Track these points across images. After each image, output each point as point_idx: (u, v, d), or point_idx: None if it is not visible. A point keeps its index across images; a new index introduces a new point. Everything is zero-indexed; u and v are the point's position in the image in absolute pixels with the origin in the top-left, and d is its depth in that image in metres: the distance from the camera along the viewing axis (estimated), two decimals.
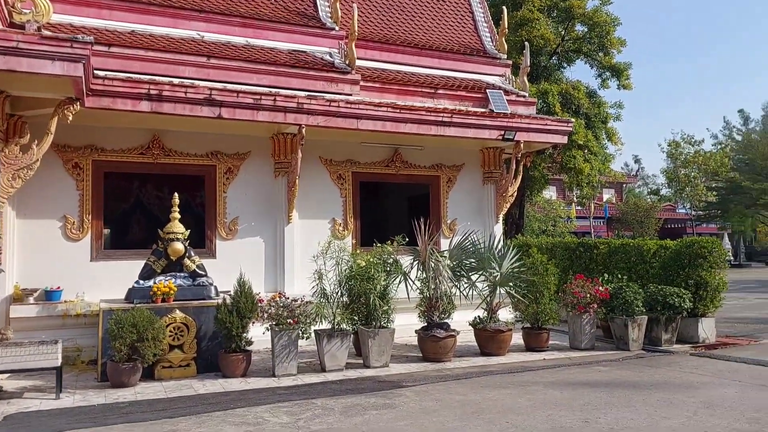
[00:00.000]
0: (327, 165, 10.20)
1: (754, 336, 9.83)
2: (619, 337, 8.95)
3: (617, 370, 7.21)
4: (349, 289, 7.65)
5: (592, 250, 11.33)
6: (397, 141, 10.48)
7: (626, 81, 18.40)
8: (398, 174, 10.73)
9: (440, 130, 9.98)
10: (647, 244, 10.36)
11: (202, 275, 7.93)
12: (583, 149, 16.42)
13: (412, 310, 8.72)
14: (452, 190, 11.20)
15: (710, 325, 9.42)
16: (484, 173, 11.43)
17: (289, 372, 7.26)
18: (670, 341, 9.04)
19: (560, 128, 10.97)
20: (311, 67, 9.71)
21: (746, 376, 6.64)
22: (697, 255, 9.35)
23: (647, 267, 10.16)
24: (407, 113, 9.68)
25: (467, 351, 8.66)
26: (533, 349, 8.72)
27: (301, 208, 9.87)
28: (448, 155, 11.17)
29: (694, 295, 9.26)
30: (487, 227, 11.27)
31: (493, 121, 10.35)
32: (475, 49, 12.45)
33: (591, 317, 8.89)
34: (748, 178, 42.64)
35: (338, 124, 9.26)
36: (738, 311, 14.05)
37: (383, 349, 7.64)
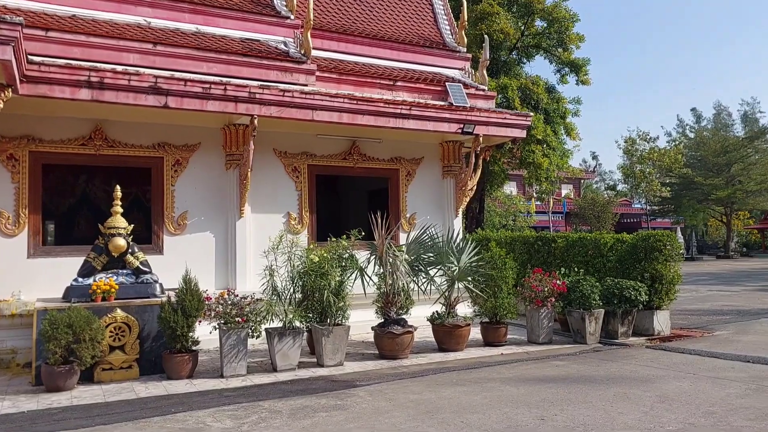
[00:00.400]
0: (281, 157, 9.87)
1: (707, 328, 9.97)
2: (577, 331, 8.93)
3: (574, 364, 7.15)
4: (302, 285, 7.37)
5: (550, 244, 11.32)
6: (354, 133, 10.23)
7: (585, 77, 18.57)
8: (356, 167, 10.48)
9: (399, 122, 9.77)
10: (604, 237, 10.40)
11: (146, 272, 7.52)
12: (542, 144, 16.50)
13: (369, 306, 8.52)
14: (411, 183, 11.01)
15: (665, 317, 9.51)
16: (444, 167, 11.28)
17: (238, 372, 6.95)
18: (626, 334, 9.07)
19: (519, 122, 10.90)
20: (264, 56, 9.36)
21: (701, 369, 6.65)
22: (653, 248, 9.41)
23: (604, 261, 10.19)
24: (364, 105, 9.43)
25: (425, 347, 8.50)
26: (491, 344, 8.62)
27: (254, 202, 9.53)
28: (407, 148, 10.98)
29: (649, 288, 9.32)
30: (446, 221, 11.13)
31: (452, 114, 10.20)
32: (435, 41, 12.28)
33: (549, 311, 8.84)
34: (701, 174, 44.03)
35: (292, 114, 8.94)
36: (691, 303, 14.33)
37: (337, 347, 7.39)
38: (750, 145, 45.09)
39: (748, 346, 8.00)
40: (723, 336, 9.05)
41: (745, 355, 7.27)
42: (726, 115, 54.20)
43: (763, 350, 7.69)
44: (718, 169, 43.73)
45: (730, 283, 20.52)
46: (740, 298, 15.18)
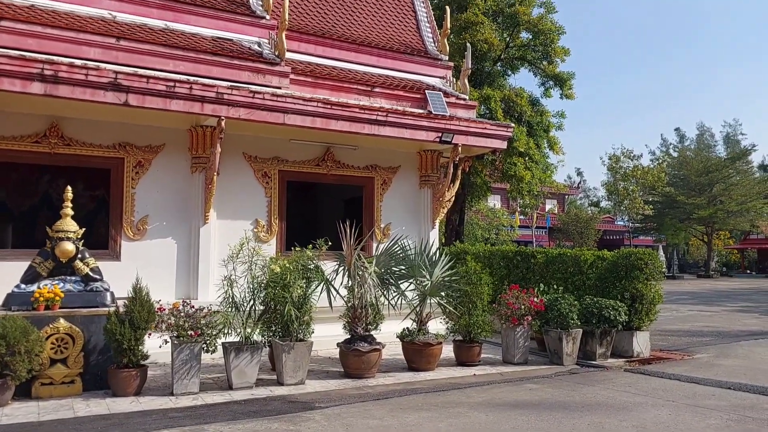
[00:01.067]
0: (251, 162, 9.44)
1: (687, 350, 9.66)
2: (554, 351, 8.56)
3: (549, 388, 6.76)
4: (263, 297, 6.92)
5: (529, 260, 10.98)
6: (328, 139, 9.84)
7: (569, 91, 18.39)
8: (330, 174, 10.08)
9: (374, 129, 9.40)
10: (584, 254, 10.08)
11: (97, 279, 7.02)
12: (524, 157, 16.22)
13: (337, 321, 8.07)
14: (387, 193, 10.63)
15: (645, 338, 9.17)
16: (421, 176, 10.92)
17: (189, 390, 6.46)
18: (604, 355, 8.72)
19: (499, 133, 10.59)
20: (236, 56, 8.95)
21: (680, 396, 6.30)
22: (634, 267, 9.09)
23: (584, 278, 9.87)
24: (339, 110, 9.05)
25: (394, 365, 8.06)
26: (464, 364, 8.21)
27: (221, 207, 9.07)
28: (383, 156, 10.61)
29: (629, 308, 8.99)
30: (422, 232, 10.76)
31: (430, 123, 9.86)
32: (417, 49, 11.96)
33: (525, 330, 8.46)
34: (683, 193, 44.26)
35: (262, 117, 8.53)
36: (671, 323, 14.06)
37: (299, 364, 6.94)
38: (731, 166, 45.48)
39: (729, 371, 7.68)
40: (703, 359, 8.73)
41: (726, 381, 6.94)
42: (709, 136, 54.82)
43: (744, 376, 7.37)
44: (701, 188, 43.99)
45: (711, 303, 20.36)
46: (720, 319, 14.95)
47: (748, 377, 7.25)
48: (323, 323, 8.35)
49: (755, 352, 9.28)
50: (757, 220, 47.08)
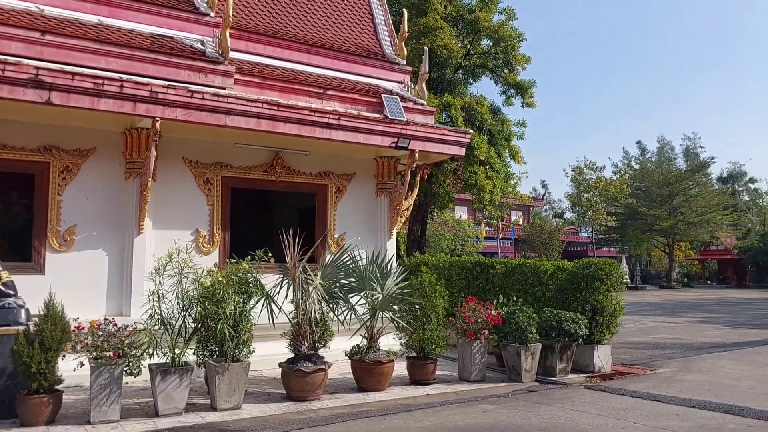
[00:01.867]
0: (192, 167, 8.82)
1: (650, 364, 9.35)
2: (512, 367, 8.13)
3: (504, 409, 6.30)
4: (196, 313, 6.31)
5: (488, 271, 10.58)
6: (277, 143, 9.30)
7: (530, 99, 18.24)
8: (279, 181, 9.51)
9: (326, 133, 8.89)
10: (544, 264, 9.72)
11: (10, 295, 6.31)
12: (484, 165, 15.92)
13: (285, 339, 7.49)
14: (341, 201, 10.12)
15: (606, 352, 8.83)
16: (378, 184, 10.44)
17: (109, 418, 5.79)
18: (564, 371, 8.33)
19: (458, 139, 10.20)
20: (174, 54, 8.36)
21: (642, 417, 5.91)
22: (594, 277, 8.76)
23: (544, 289, 9.50)
24: (287, 112, 8.52)
25: (343, 386, 7.51)
26: (418, 382, 7.70)
27: (158, 216, 8.42)
28: (337, 162, 10.10)
29: (590, 321, 8.66)
30: (379, 243, 10.26)
31: (385, 127, 9.40)
32: (373, 52, 11.54)
33: (482, 345, 8.02)
34: (645, 204, 44.91)
35: (202, 119, 7.94)
36: (635, 335, 13.84)
37: (234, 387, 6.33)
38: (691, 178, 46.41)
39: (693, 388, 7.36)
40: (666, 374, 8.42)
41: (690, 399, 6.60)
42: (669, 149, 56.00)
43: (707, 392, 7.05)
44: (662, 200, 44.71)
45: (673, 314, 20.36)
46: (683, 331, 14.82)
47: (713, 394, 6.93)
48: (268, 341, 7.77)
49: (718, 366, 9.03)
50: (716, 232, 48.10)
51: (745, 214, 61.83)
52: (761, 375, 8.16)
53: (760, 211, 61.03)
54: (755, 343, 12.00)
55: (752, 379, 7.85)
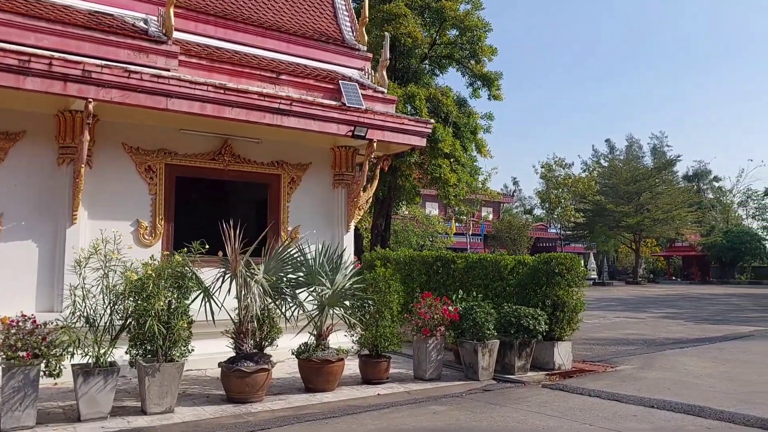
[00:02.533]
0: (132, 154, 8.25)
1: (611, 361, 9.14)
2: (469, 365, 7.81)
3: (456, 410, 5.95)
4: (123, 310, 5.80)
5: (449, 266, 10.26)
6: (226, 130, 8.79)
7: (497, 91, 17.95)
8: (228, 170, 9.00)
9: (277, 119, 8.41)
10: (505, 259, 9.43)
11: None
12: (449, 159, 15.59)
13: (227, 336, 7.03)
14: (296, 192, 9.65)
15: (567, 349, 8.58)
16: (335, 175, 10.00)
17: (23, 424, 5.27)
18: (523, 368, 8.04)
19: (419, 129, 9.82)
20: (113, 32, 7.78)
21: (599, 418, 5.62)
22: (554, 272, 8.49)
23: (504, 284, 9.22)
24: (234, 95, 8.02)
25: (291, 386, 7.08)
26: (370, 382, 7.32)
27: (94, 205, 7.85)
28: (291, 151, 9.63)
29: (550, 317, 8.39)
30: (336, 236, 9.83)
31: (342, 115, 8.96)
32: (333, 37, 11.06)
33: (438, 342, 7.67)
34: (612, 201, 45.39)
35: (140, 101, 7.39)
36: (598, 331, 13.71)
37: (166, 389, 5.85)
38: (657, 176, 47.07)
39: (653, 386, 7.13)
40: (627, 371, 8.20)
41: (650, 398, 6.35)
42: (637, 147, 56.77)
43: (668, 391, 6.82)
44: (629, 197, 45.24)
45: (638, 310, 20.42)
46: (646, 326, 14.76)
47: (673, 392, 6.70)
48: (213, 339, 7.31)
49: (680, 363, 8.86)
50: (681, 228, 48.92)
51: (710, 212, 63.15)
52: (722, 372, 7.99)
53: (723, 208, 62.35)
54: (717, 339, 11.95)
55: (713, 377, 7.67)
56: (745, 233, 52.15)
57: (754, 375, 7.78)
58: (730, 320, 16.39)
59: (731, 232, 52.33)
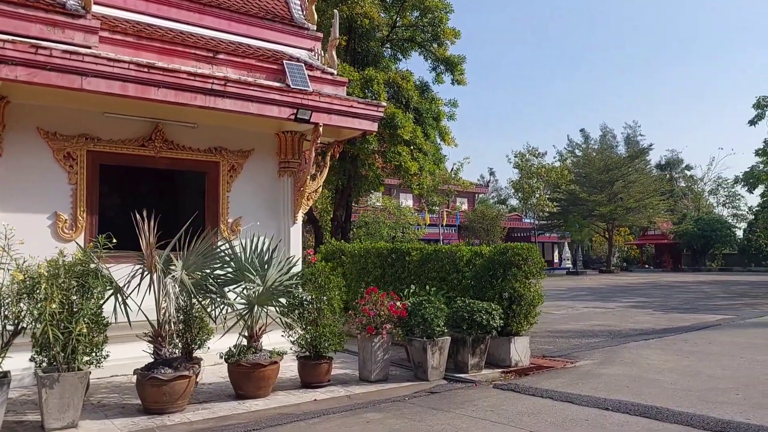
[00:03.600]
0: (49, 139, 7.51)
1: (571, 356, 8.70)
2: (418, 364, 7.28)
3: (392, 418, 5.40)
4: (12, 314, 5.12)
5: (404, 258, 9.71)
6: (156, 113, 8.08)
7: (460, 76, 17.37)
8: (160, 157, 8.30)
9: (210, 101, 7.72)
10: (461, 250, 8.91)
11: None
12: (409, 146, 14.98)
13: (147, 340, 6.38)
14: (237, 181, 8.98)
15: (524, 344, 8.10)
16: (281, 163, 9.35)
17: None
18: (477, 366, 7.54)
19: (369, 113, 9.19)
20: (23, 4, 7.00)
21: (546, 424, 5.12)
22: (511, 263, 7.99)
23: (460, 277, 8.70)
24: (160, 75, 7.30)
25: (221, 393, 6.47)
26: (309, 385, 6.74)
27: (5, 196, 7.10)
28: (231, 137, 8.95)
29: (507, 310, 7.91)
30: (282, 228, 9.20)
31: (283, 97, 8.30)
32: (280, 15, 10.36)
33: (384, 340, 7.12)
34: (586, 190, 45.37)
35: (51, 80, 6.64)
36: (564, 322, 13.33)
37: (68, 401, 5.19)
38: (630, 164, 47.17)
39: (611, 383, 6.68)
40: (586, 367, 7.75)
41: (605, 399, 5.87)
42: (611, 137, 56.90)
43: (626, 389, 6.36)
44: (602, 186, 45.24)
45: (607, 299, 20.17)
46: (614, 317, 14.43)
47: (632, 391, 6.25)
48: (127, 342, 6.65)
49: (643, 356, 8.44)
50: (654, 217, 49.17)
51: (681, 200, 63.78)
52: (685, 367, 7.58)
53: (695, 197, 63.03)
54: (684, 329, 11.62)
55: (676, 372, 7.26)
56: (716, 221, 52.73)
57: (717, 369, 7.38)
58: (698, 309, 16.17)
59: (702, 219, 52.86)
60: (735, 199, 58.75)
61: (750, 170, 29.62)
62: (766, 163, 28.12)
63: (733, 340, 9.82)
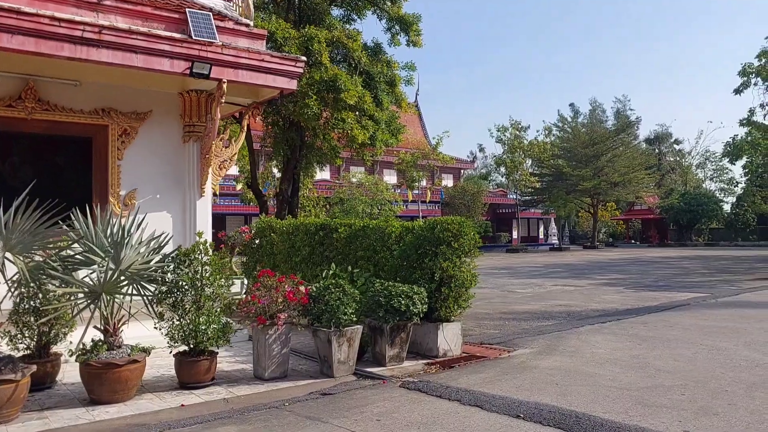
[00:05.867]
0: None
1: (511, 343, 7.70)
2: (323, 358, 6.26)
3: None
4: None
5: (331, 235, 8.65)
6: (27, 68, 6.91)
7: (416, 36, 16.04)
8: (33, 119, 7.12)
9: (81, 51, 6.52)
10: (390, 226, 7.85)
11: None
12: (354, 111, 13.74)
13: None
14: (131, 147, 7.82)
15: (455, 332, 7.08)
16: (186, 126, 8.19)
17: None
18: (397, 358, 6.54)
19: (285, 68, 8.00)
20: None
21: None
22: (440, 240, 6.95)
23: (389, 256, 7.66)
24: (12, 18, 6.11)
25: (75, 397, 5.43)
26: (187, 386, 5.70)
27: None
28: (123, 97, 7.78)
29: (435, 293, 6.89)
30: (187, 202, 8.10)
31: (174, 47, 7.09)
32: None
33: (281, 332, 6.07)
34: (570, 165, 44.34)
35: None
36: (525, 302, 12.37)
37: None
38: (616, 138, 46.07)
39: (539, 379, 5.68)
40: (521, 358, 6.75)
41: (522, 402, 4.86)
42: (600, 111, 55.68)
43: (555, 387, 5.36)
44: (587, 160, 44.18)
45: (581, 276, 19.27)
46: (580, 296, 13.49)
47: (559, 390, 5.24)
48: None
49: (590, 344, 7.46)
50: (639, 191, 48.22)
51: (669, 174, 62.88)
52: (633, 357, 6.60)
53: (682, 171, 62.11)
54: (648, 309, 10.68)
55: (620, 364, 6.27)
56: (702, 195, 51.91)
57: (669, 359, 6.40)
58: (672, 286, 15.27)
59: (688, 194, 52.01)
60: (723, 173, 57.86)
61: (732, 140, 28.42)
62: (749, 134, 27.01)
63: (698, 323, 8.86)
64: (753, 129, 26.31)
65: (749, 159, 27.69)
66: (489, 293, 14.47)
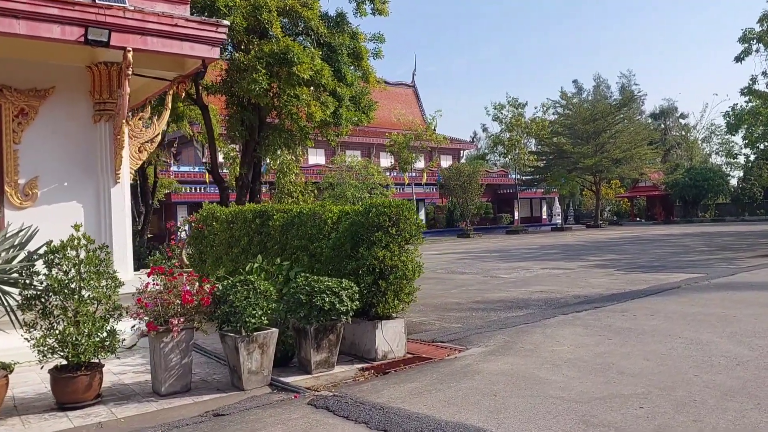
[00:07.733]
0: None
1: (466, 340, 6.78)
2: (233, 368, 5.37)
3: None
4: None
5: (267, 223, 7.74)
6: None
7: (381, 4, 14.86)
8: None
9: None
10: (328, 211, 6.92)
11: None
12: (309, 86, 12.68)
13: None
14: (30, 129, 6.92)
15: (396, 330, 6.18)
16: (97, 104, 7.27)
17: None
18: (326, 363, 5.65)
19: (204, 34, 7.03)
20: None
21: None
22: (376, 227, 6.02)
23: (323, 245, 6.74)
24: None
25: None
26: (66, 406, 4.84)
27: None
28: (18, 71, 6.86)
29: (372, 287, 5.98)
30: (100, 189, 7.21)
31: (64, 11, 6.13)
32: None
33: (179, 340, 5.18)
34: (570, 142, 43.06)
35: None
36: (503, 289, 11.44)
37: None
38: (618, 113, 44.65)
39: (476, 389, 4.76)
40: (469, 359, 5.83)
41: (446, 422, 3.95)
42: (605, 87, 54.18)
43: (489, 400, 4.45)
44: (588, 137, 42.88)
45: (573, 258, 18.27)
46: (567, 280, 12.54)
47: (495, 403, 4.33)
48: None
49: (554, 339, 6.53)
50: (642, 168, 46.85)
51: (674, 149, 61.38)
52: (597, 356, 5.66)
53: (687, 145, 60.58)
54: (633, 294, 9.73)
55: (579, 366, 5.34)
56: (708, 170, 50.52)
57: (638, 358, 5.46)
58: (667, 267, 14.28)
59: (694, 169, 50.64)
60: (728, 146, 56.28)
61: (731, 110, 26.98)
62: (750, 102, 25.60)
63: (683, 310, 7.90)
64: (754, 98, 24.97)
65: (749, 129, 26.27)
66: (469, 279, 13.55)
